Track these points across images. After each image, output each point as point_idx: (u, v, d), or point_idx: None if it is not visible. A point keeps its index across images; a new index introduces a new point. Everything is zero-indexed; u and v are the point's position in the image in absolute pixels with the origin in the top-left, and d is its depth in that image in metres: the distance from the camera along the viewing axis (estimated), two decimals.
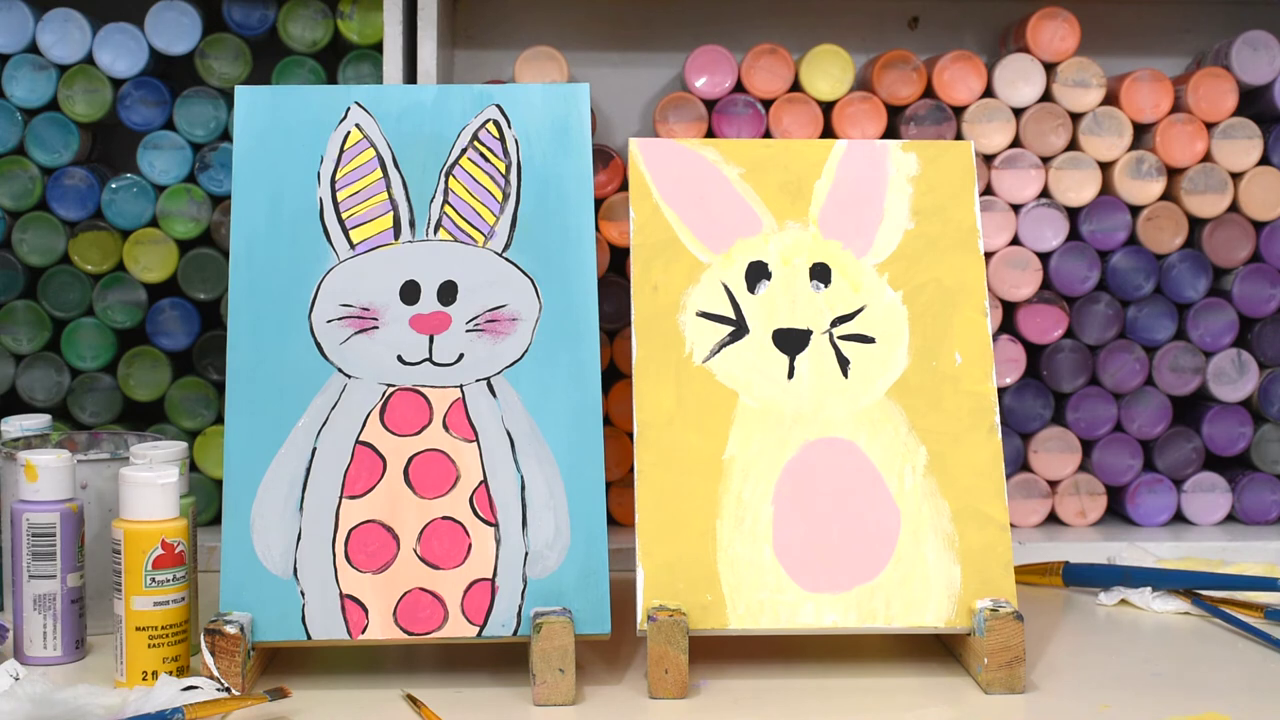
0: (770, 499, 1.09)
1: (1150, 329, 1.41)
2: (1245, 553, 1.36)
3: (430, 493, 1.07)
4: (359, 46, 1.40)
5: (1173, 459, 1.43)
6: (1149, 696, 1.03)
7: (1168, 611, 1.23)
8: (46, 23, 1.38)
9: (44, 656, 1.08)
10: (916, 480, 1.10)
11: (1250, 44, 1.42)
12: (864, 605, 1.07)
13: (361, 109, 1.15)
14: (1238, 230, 1.41)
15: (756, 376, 1.12)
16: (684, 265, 1.14)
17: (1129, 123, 1.41)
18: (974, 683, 1.05)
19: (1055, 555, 1.34)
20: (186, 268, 1.38)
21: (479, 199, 1.13)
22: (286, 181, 1.13)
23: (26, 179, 1.38)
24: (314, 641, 1.04)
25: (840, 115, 1.40)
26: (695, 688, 1.05)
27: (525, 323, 1.11)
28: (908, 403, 1.12)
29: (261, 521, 1.06)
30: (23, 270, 1.39)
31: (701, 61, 1.41)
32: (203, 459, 1.39)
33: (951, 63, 1.41)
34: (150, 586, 1.02)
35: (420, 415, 1.09)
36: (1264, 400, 1.42)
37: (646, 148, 1.17)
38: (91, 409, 1.40)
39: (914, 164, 1.18)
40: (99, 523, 1.13)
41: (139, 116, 1.38)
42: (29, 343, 1.39)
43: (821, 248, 1.15)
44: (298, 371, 1.09)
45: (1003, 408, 1.40)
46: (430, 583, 1.05)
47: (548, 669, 1.01)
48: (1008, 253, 1.40)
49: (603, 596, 1.05)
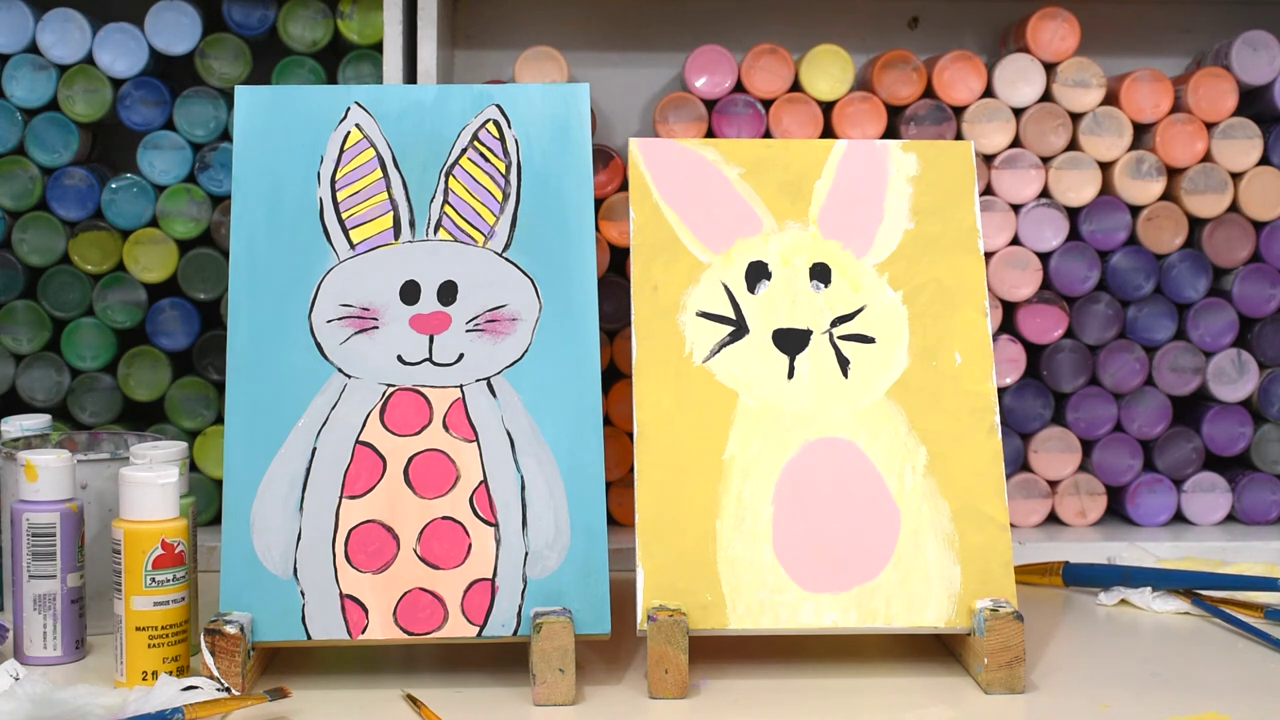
0: (770, 499, 1.09)
1: (1150, 329, 1.41)
2: (1245, 553, 1.36)
3: (430, 493, 1.07)
4: (359, 46, 1.40)
5: (1173, 459, 1.42)
6: (1149, 696, 1.03)
7: (1168, 611, 1.23)
8: (46, 23, 1.38)
9: (44, 656, 1.08)
10: (916, 480, 1.10)
11: (1250, 44, 1.42)
12: (864, 605, 1.07)
13: (361, 109, 1.15)
14: (1238, 230, 1.41)
15: (756, 376, 1.12)
16: (684, 265, 1.14)
17: (1129, 123, 1.41)
18: (974, 683, 1.05)
19: (1055, 555, 1.34)
20: (186, 268, 1.38)
21: (479, 199, 1.13)
22: (286, 181, 1.13)
23: (26, 179, 1.38)
24: (314, 641, 1.04)
25: (840, 115, 1.40)
26: (695, 688, 1.05)
27: (525, 323, 1.11)
28: (908, 403, 1.12)
29: (261, 521, 1.06)
30: (23, 270, 1.39)
31: (701, 61, 1.41)
32: (203, 459, 1.39)
33: (951, 63, 1.41)
34: (150, 586, 1.02)
35: (420, 415, 1.09)
36: (1264, 400, 1.42)
37: (646, 148, 1.17)
38: (91, 409, 1.40)
39: (914, 164, 1.18)
40: (99, 523, 1.13)
41: (139, 116, 1.38)
42: (29, 343, 1.39)
43: (821, 248, 1.15)
44: (298, 371, 1.09)
45: (1003, 408, 1.40)
46: (430, 583, 1.05)
47: (548, 669, 1.01)
48: (1008, 253, 1.40)
49: (603, 596, 1.05)
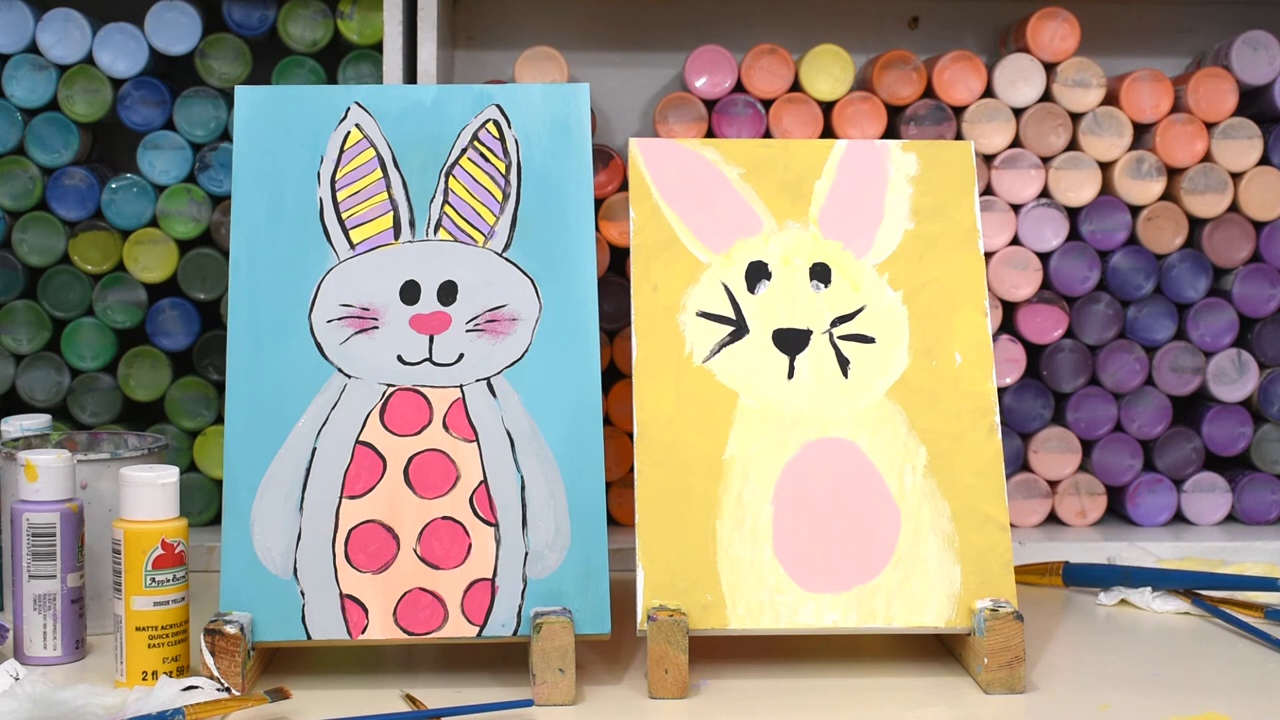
0: (770, 499, 1.09)
1: (1150, 329, 1.41)
2: (1245, 553, 1.36)
3: (430, 493, 1.07)
4: (359, 46, 1.40)
5: (1173, 459, 1.42)
6: (1149, 696, 1.03)
7: (1168, 611, 1.23)
8: (46, 23, 1.38)
9: (44, 656, 1.08)
10: (916, 480, 1.10)
11: (1250, 44, 1.42)
12: (864, 605, 1.07)
13: (361, 109, 1.15)
14: (1238, 230, 1.41)
15: (756, 376, 1.12)
16: (684, 265, 1.14)
17: (1129, 123, 1.41)
18: (974, 683, 1.05)
19: (1055, 555, 1.34)
20: (186, 268, 1.38)
21: (479, 199, 1.13)
22: (286, 181, 1.13)
23: (26, 179, 1.38)
24: (314, 641, 1.04)
25: (840, 115, 1.40)
26: (695, 688, 1.05)
27: (525, 323, 1.11)
28: (908, 403, 1.12)
29: (261, 521, 1.06)
30: (23, 270, 1.39)
31: (701, 61, 1.41)
32: (203, 459, 1.39)
33: (951, 63, 1.41)
34: (150, 586, 1.02)
35: (420, 415, 1.09)
36: (1264, 400, 1.42)
37: (646, 148, 1.17)
38: (91, 409, 1.40)
39: (914, 164, 1.18)
40: (99, 523, 1.13)
41: (139, 116, 1.38)
42: (29, 343, 1.39)
43: (821, 248, 1.15)
44: (298, 371, 1.09)
45: (1003, 408, 1.40)
46: (430, 583, 1.05)
47: (548, 669, 1.01)
48: (1008, 253, 1.40)
49: (603, 596, 1.05)
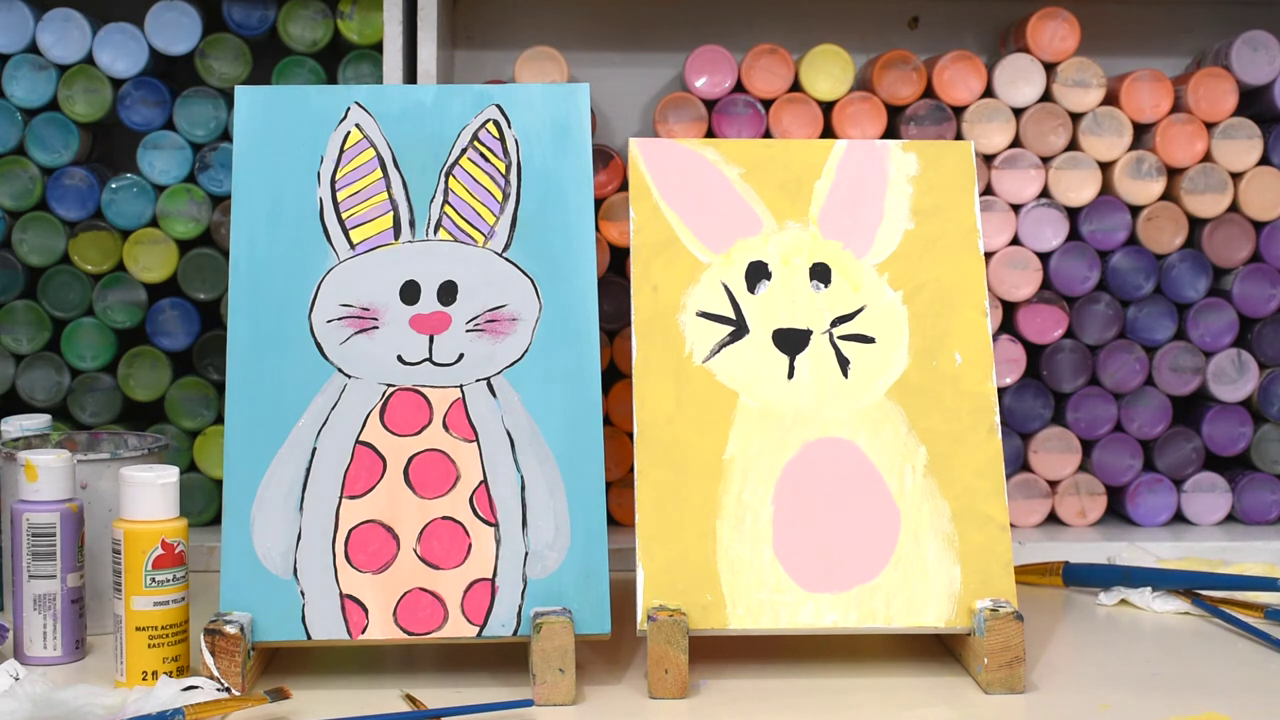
0: (770, 499, 1.09)
1: (1150, 329, 1.41)
2: (1245, 553, 1.36)
3: (430, 493, 1.07)
4: (359, 46, 1.40)
5: (1173, 459, 1.42)
6: (1149, 696, 1.03)
7: (1168, 611, 1.23)
8: (46, 23, 1.38)
9: (44, 656, 1.08)
10: (916, 480, 1.10)
11: (1250, 44, 1.42)
12: (864, 605, 1.07)
13: (361, 109, 1.15)
14: (1238, 230, 1.41)
15: (756, 376, 1.12)
16: (684, 265, 1.14)
17: (1129, 123, 1.41)
18: (974, 683, 1.05)
19: (1055, 555, 1.34)
20: (186, 268, 1.38)
21: (479, 199, 1.13)
22: (286, 181, 1.13)
23: (26, 179, 1.38)
24: (314, 641, 1.04)
25: (840, 115, 1.40)
26: (695, 688, 1.05)
27: (525, 323, 1.11)
28: (908, 403, 1.12)
29: (261, 521, 1.06)
30: (23, 270, 1.39)
31: (701, 61, 1.41)
32: (203, 459, 1.39)
33: (951, 63, 1.41)
34: (150, 586, 1.02)
35: (420, 415, 1.09)
36: (1264, 400, 1.42)
37: (646, 148, 1.17)
38: (91, 409, 1.40)
39: (914, 164, 1.18)
40: (99, 523, 1.13)
41: (139, 116, 1.38)
42: (29, 343, 1.39)
43: (821, 248, 1.15)
44: (298, 371, 1.09)
45: (1003, 408, 1.40)
46: (430, 583, 1.05)
47: (548, 669, 1.01)
48: (1008, 253, 1.40)
49: (603, 596, 1.05)
